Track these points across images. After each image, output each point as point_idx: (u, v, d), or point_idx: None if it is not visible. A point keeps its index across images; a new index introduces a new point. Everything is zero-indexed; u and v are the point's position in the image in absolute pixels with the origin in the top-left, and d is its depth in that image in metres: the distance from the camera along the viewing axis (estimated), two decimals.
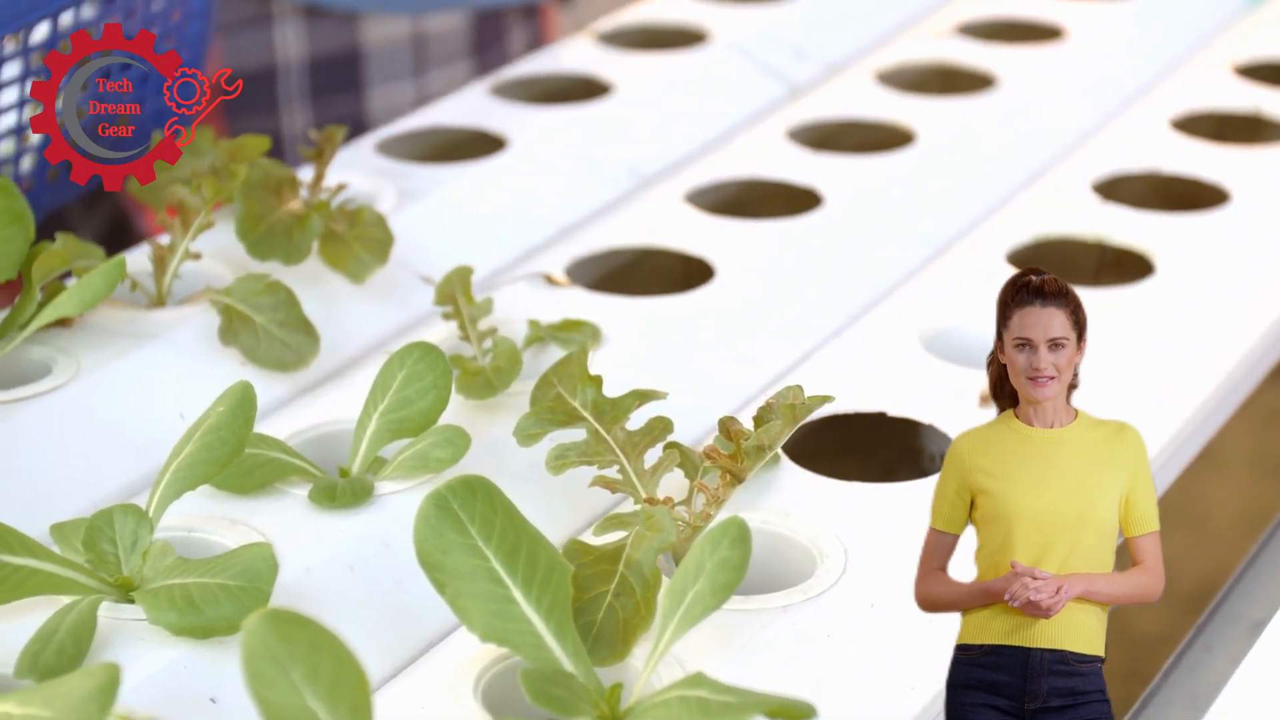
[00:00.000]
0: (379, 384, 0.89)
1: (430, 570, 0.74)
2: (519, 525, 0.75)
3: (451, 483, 0.74)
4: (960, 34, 1.44)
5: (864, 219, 1.16)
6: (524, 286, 1.07)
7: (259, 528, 0.84)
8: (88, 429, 0.92)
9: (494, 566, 0.74)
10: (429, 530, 0.74)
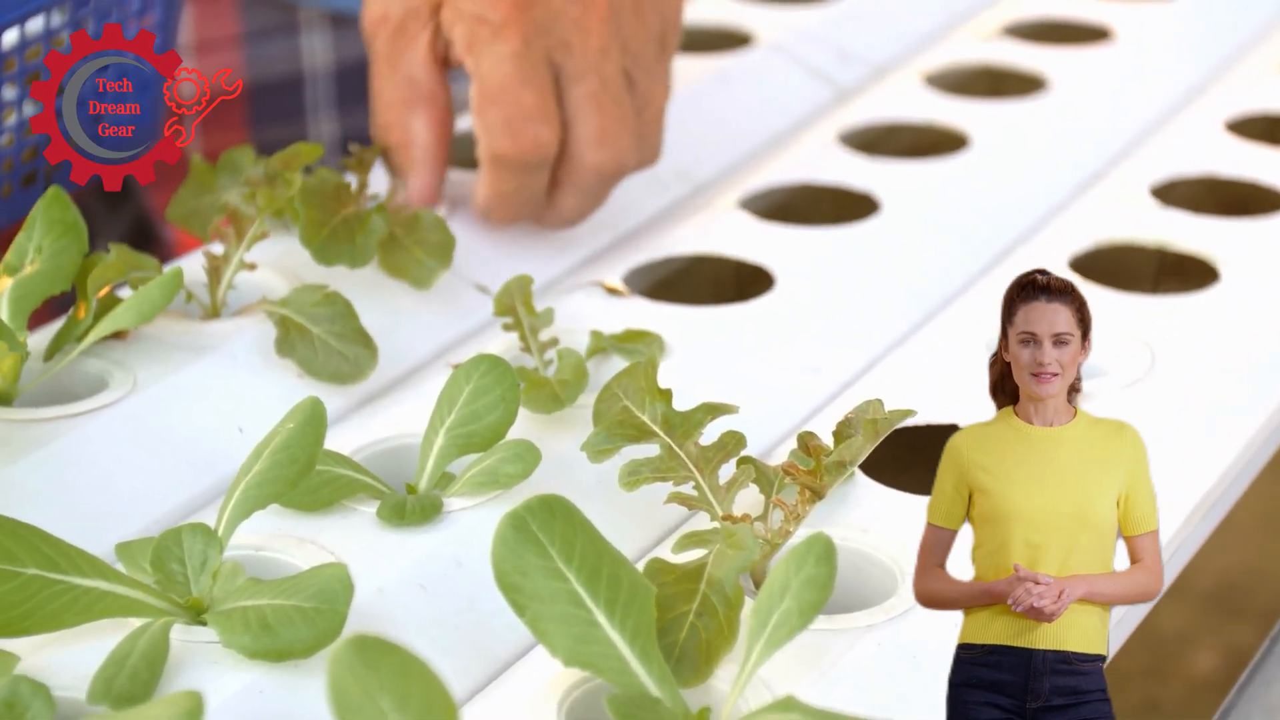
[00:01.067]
0: (445, 398, 0.87)
1: (509, 593, 0.73)
2: (600, 546, 0.73)
3: (530, 503, 0.73)
4: (1007, 35, 1.42)
5: (922, 225, 1.15)
6: (582, 295, 1.06)
7: (328, 546, 0.83)
8: (147, 444, 0.91)
9: (575, 589, 0.72)
10: (508, 552, 0.73)
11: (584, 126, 1.05)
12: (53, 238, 0.96)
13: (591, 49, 1.05)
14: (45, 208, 0.96)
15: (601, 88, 1.05)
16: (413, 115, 1.09)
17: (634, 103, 1.07)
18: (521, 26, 1.04)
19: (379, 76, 1.10)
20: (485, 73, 1.05)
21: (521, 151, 1.04)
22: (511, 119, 1.04)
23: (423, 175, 1.09)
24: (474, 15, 1.05)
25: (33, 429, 0.90)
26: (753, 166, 1.24)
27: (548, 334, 0.98)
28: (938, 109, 1.30)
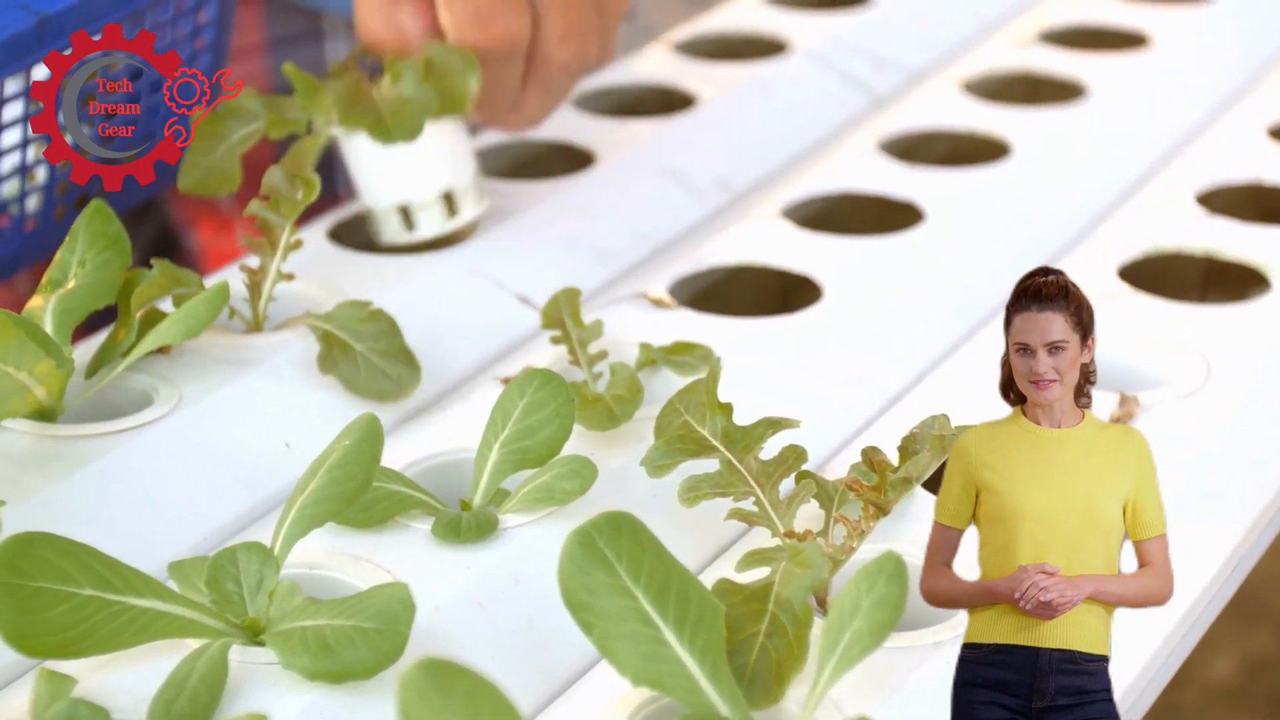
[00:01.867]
0: (498, 412, 0.86)
1: (577, 611, 0.71)
2: (668, 563, 0.72)
3: (596, 520, 0.72)
4: (1043, 41, 1.41)
5: (966, 234, 1.13)
6: (627, 307, 1.04)
7: (383, 564, 0.82)
8: (194, 460, 0.90)
9: (644, 607, 0.71)
10: (575, 569, 0.72)
11: (551, 23, 1.05)
12: (95, 251, 0.95)
13: None
14: (87, 221, 0.95)
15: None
16: (398, 10, 1.06)
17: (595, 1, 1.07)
18: None
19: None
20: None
21: (491, 41, 1.03)
22: (479, 10, 1.03)
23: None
24: None
25: (79, 445, 0.89)
26: (792, 175, 1.22)
27: (596, 347, 0.97)
28: (977, 116, 1.29)
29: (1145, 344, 0.99)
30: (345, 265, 1.07)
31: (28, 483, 0.86)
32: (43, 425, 0.90)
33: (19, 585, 0.72)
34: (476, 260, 1.08)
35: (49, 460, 0.88)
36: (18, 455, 0.88)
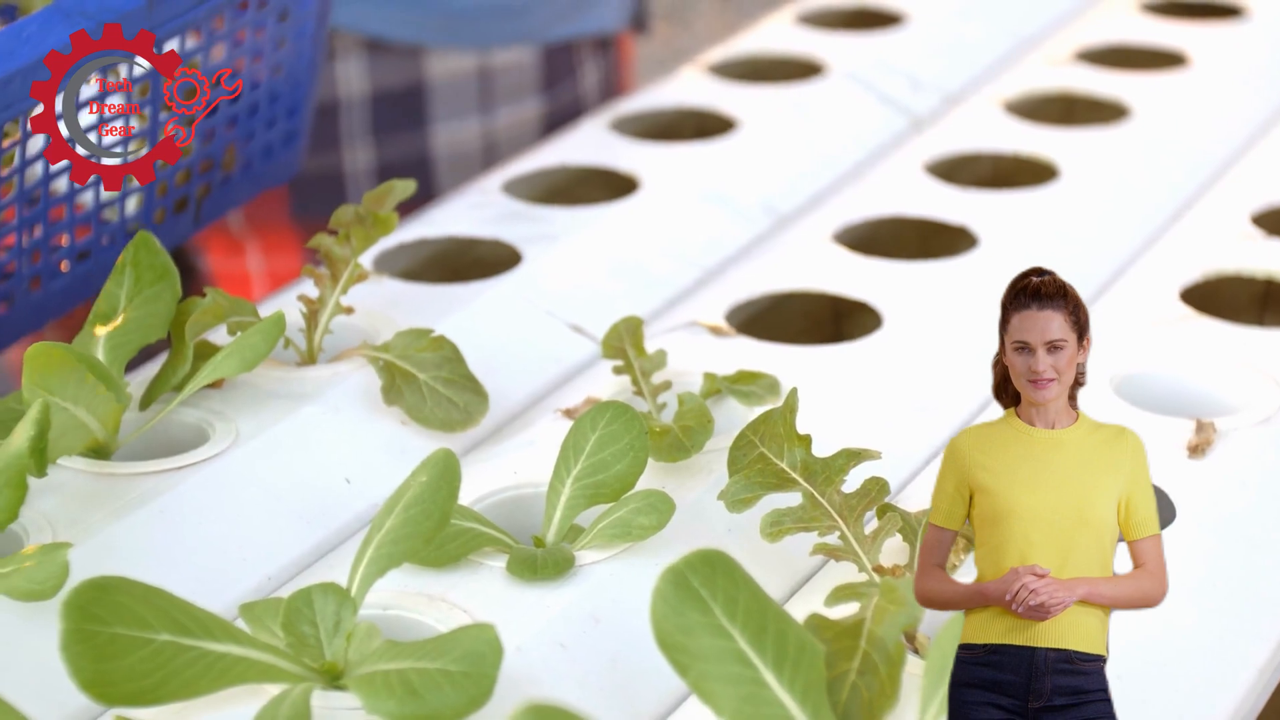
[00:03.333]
0: (570, 446, 0.84)
1: (671, 652, 0.69)
2: (763, 602, 0.70)
3: (689, 558, 0.70)
4: (1079, 60, 1.39)
5: (1020, 256, 1.11)
6: (684, 335, 1.02)
7: (459, 603, 0.80)
8: (254, 498, 0.88)
9: (741, 647, 0.69)
10: (668, 609, 0.70)
11: None
12: (145, 283, 0.93)
13: None
14: (134, 253, 0.93)
15: None
16: None
17: None
18: None
19: None
20: None
21: None
22: None
23: None
24: None
25: (138, 483, 0.87)
26: (837, 198, 1.21)
27: (660, 377, 0.95)
28: (1021, 137, 1.27)
29: (1216, 369, 0.98)
30: (394, 295, 1.05)
31: (88, 522, 0.84)
32: (99, 463, 0.88)
33: (95, 632, 0.70)
34: (527, 288, 1.06)
35: (108, 499, 0.86)
36: (76, 493, 0.86)
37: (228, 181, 1.08)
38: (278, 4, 1.04)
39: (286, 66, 1.08)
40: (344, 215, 0.99)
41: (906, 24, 1.44)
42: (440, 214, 1.16)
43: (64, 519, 0.84)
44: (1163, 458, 0.90)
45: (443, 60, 1.47)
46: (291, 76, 1.08)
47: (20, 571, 0.77)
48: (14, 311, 1.00)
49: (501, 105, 1.50)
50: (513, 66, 1.49)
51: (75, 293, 1.03)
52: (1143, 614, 0.78)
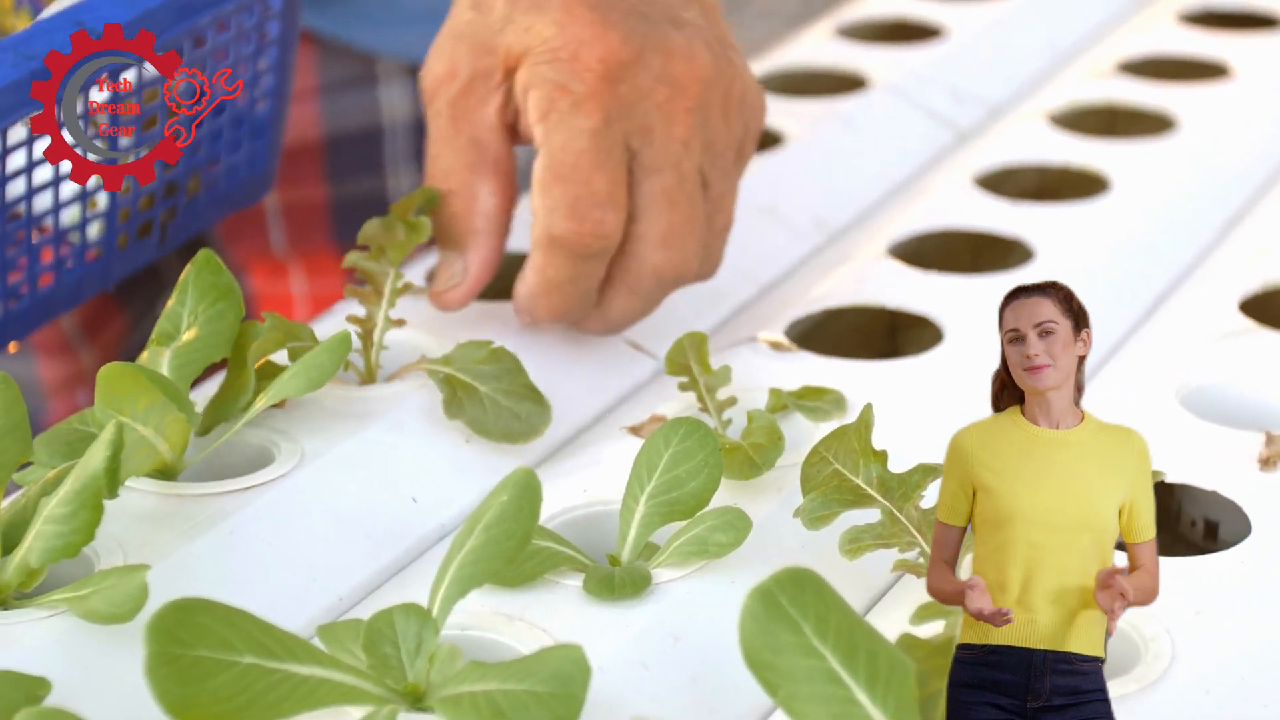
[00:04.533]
0: (642, 463, 0.84)
1: (761, 671, 0.69)
2: (853, 620, 0.69)
3: (778, 576, 0.69)
4: (1122, 72, 1.39)
5: (1077, 269, 1.11)
6: (745, 350, 1.02)
7: (538, 623, 0.79)
8: (322, 518, 0.87)
9: (832, 666, 0.69)
10: (758, 629, 0.69)
11: (652, 223, 0.95)
12: (208, 303, 0.92)
13: (675, 139, 0.95)
14: (197, 272, 0.93)
15: (678, 184, 0.95)
16: (479, 181, 0.98)
17: (706, 208, 0.97)
18: (605, 102, 0.93)
19: (439, 140, 0.99)
20: (557, 147, 0.94)
21: (582, 237, 0.94)
22: (578, 200, 0.93)
23: (487, 247, 0.99)
24: (555, 83, 0.94)
25: (206, 504, 0.86)
26: (888, 211, 1.20)
27: (725, 393, 0.94)
28: (1069, 149, 1.27)
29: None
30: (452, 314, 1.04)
31: (158, 544, 0.83)
32: (166, 484, 0.88)
33: (179, 654, 0.70)
34: None
35: (176, 520, 0.85)
36: (144, 515, 0.85)
37: (193, 205, 1.07)
38: (240, 29, 1.03)
39: (249, 91, 1.07)
40: (371, 229, 0.98)
41: (945, 37, 1.44)
42: None
43: (134, 541, 0.83)
44: (1234, 471, 0.90)
45: None
46: (254, 99, 1.07)
47: (98, 594, 0.76)
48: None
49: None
50: None
51: (36, 316, 1.02)
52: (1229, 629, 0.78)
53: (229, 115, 1.07)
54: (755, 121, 1.00)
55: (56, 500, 0.78)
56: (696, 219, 0.96)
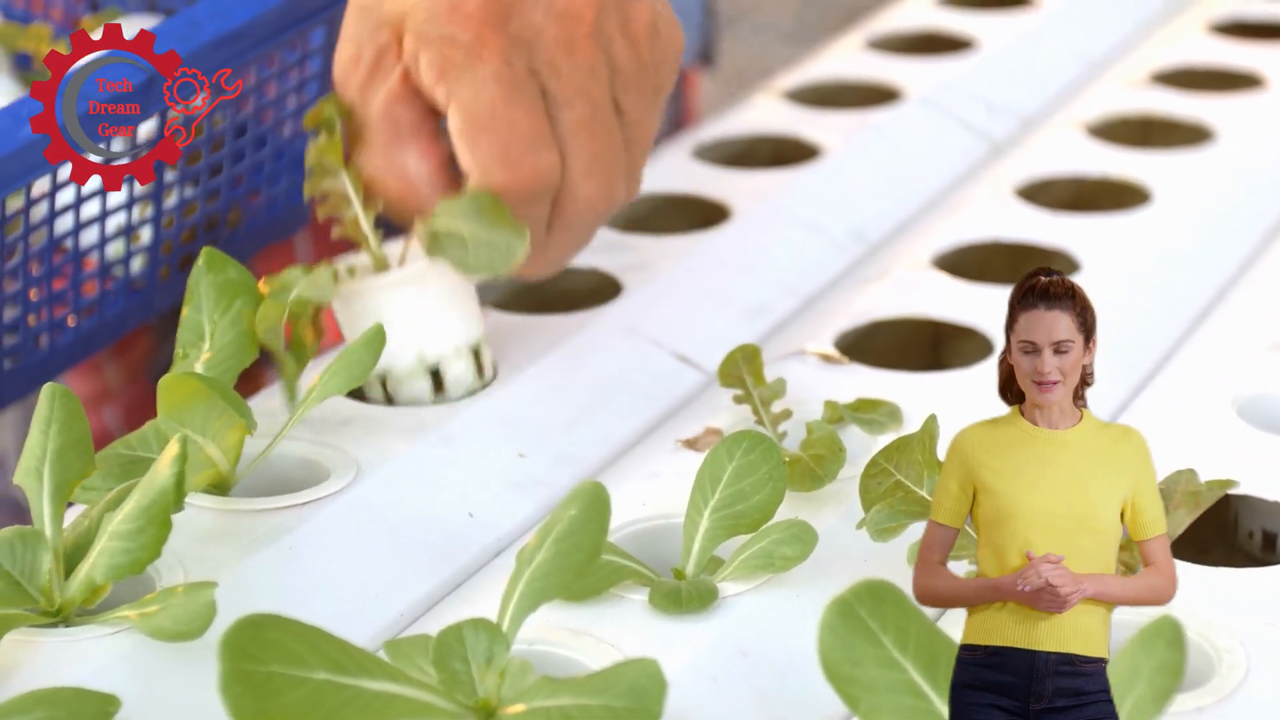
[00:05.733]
0: (705, 477, 0.83)
1: (841, 685, 0.68)
2: (933, 632, 0.69)
3: (857, 589, 0.69)
4: (1156, 82, 1.39)
5: (1122, 279, 1.11)
6: (794, 363, 1.01)
7: (605, 637, 0.79)
8: (381, 533, 0.87)
9: (913, 679, 0.68)
10: (837, 641, 0.69)
11: (575, 155, 0.92)
12: (224, 304, 0.91)
13: (580, 68, 0.91)
14: (205, 273, 0.91)
15: (591, 113, 0.92)
16: (402, 153, 0.94)
17: (625, 133, 0.94)
18: (498, 43, 0.90)
19: (359, 130, 0.95)
20: (467, 101, 0.91)
21: (521, 182, 0.91)
22: (508, 147, 0.90)
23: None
24: (441, 38, 0.90)
25: (263, 519, 0.86)
26: (927, 223, 1.20)
27: (780, 405, 0.94)
28: (1106, 161, 1.26)
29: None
30: (496, 326, 1.04)
31: (217, 560, 0.83)
32: (221, 499, 0.87)
33: (253, 671, 0.69)
34: (630, 319, 1.05)
35: (235, 536, 0.85)
36: (202, 531, 0.85)
37: (233, 238, 1.07)
38: (285, 64, 1.03)
39: (292, 124, 1.08)
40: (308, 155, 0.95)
41: (976, 49, 1.44)
42: None
43: (193, 557, 0.83)
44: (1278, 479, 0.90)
45: None
46: (298, 132, 1.08)
47: (165, 611, 0.76)
48: (20, 367, 1.00)
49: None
50: None
51: (80, 349, 1.03)
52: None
53: (270, 149, 1.07)
54: (671, 51, 0.96)
55: (122, 516, 0.77)
56: (616, 145, 0.93)
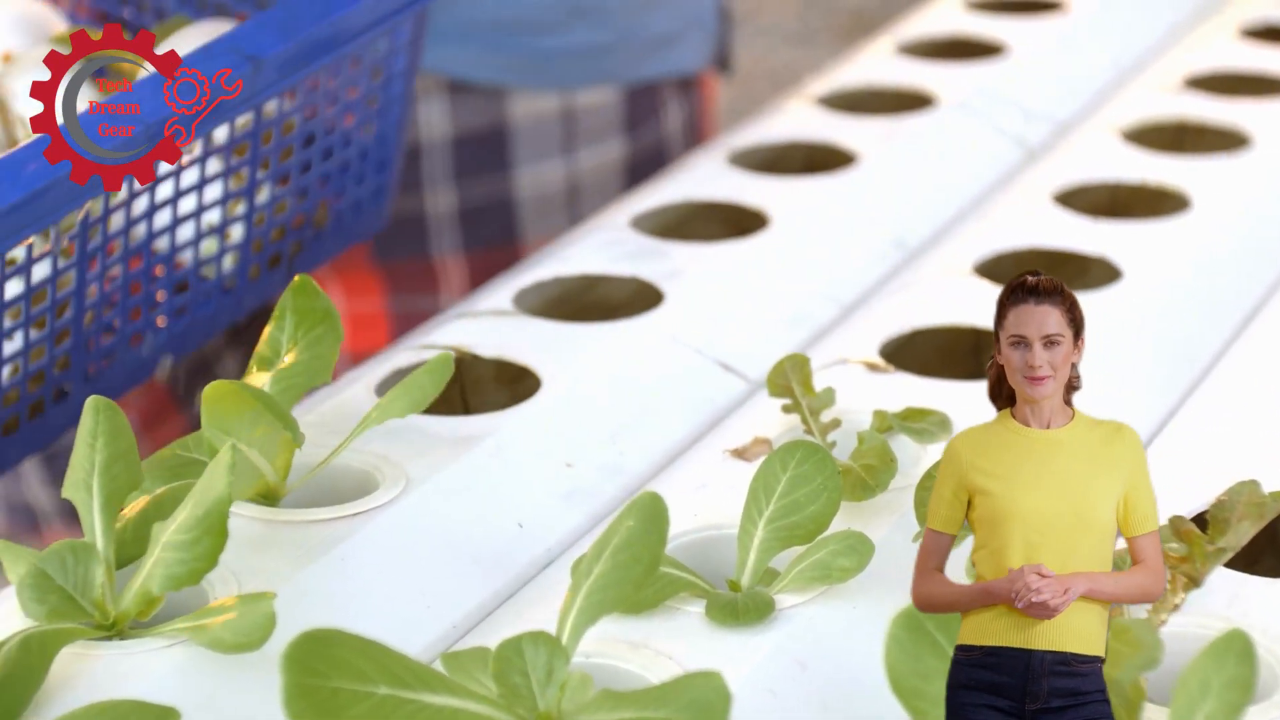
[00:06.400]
0: (759, 487, 0.83)
1: (908, 698, 0.68)
2: None
3: None
4: (1190, 87, 1.38)
5: (1165, 287, 1.10)
6: (838, 372, 1.01)
7: (663, 650, 0.78)
8: (432, 545, 0.86)
9: None
10: (903, 654, 0.69)
11: None
12: (307, 327, 0.91)
13: None
14: (294, 297, 0.92)
15: None
16: None
17: None
18: None
19: None
20: None
21: None
22: None
23: None
24: None
25: (314, 530, 0.85)
26: (966, 230, 1.19)
27: (829, 415, 0.93)
28: (1144, 165, 1.26)
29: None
30: (539, 335, 1.04)
31: (269, 571, 0.83)
32: (270, 509, 0.87)
33: (316, 686, 0.69)
34: (673, 327, 1.05)
35: (285, 547, 0.84)
36: (252, 541, 0.84)
37: (319, 237, 1.08)
38: (371, 61, 1.03)
39: (377, 123, 1.08)
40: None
41: (1007, 54, 1.43)
42: (572, 250, 1.15)
43: (245, 569, 0.82)
44: None
45: (525, 102, 1.45)
46: (381, 133, 1.08)
47: (224, 623, 0.75)
48: (115, 368, 1.01)
49: (584, 147, 1.48)
50: (596, 108, 1.47)
51: (171, 349, 1.03)
52: None
53: (355, 149, 1.07)
54: None
55: (175, 527, 0.77)
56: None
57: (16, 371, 0.97)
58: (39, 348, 0.97)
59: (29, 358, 0.97)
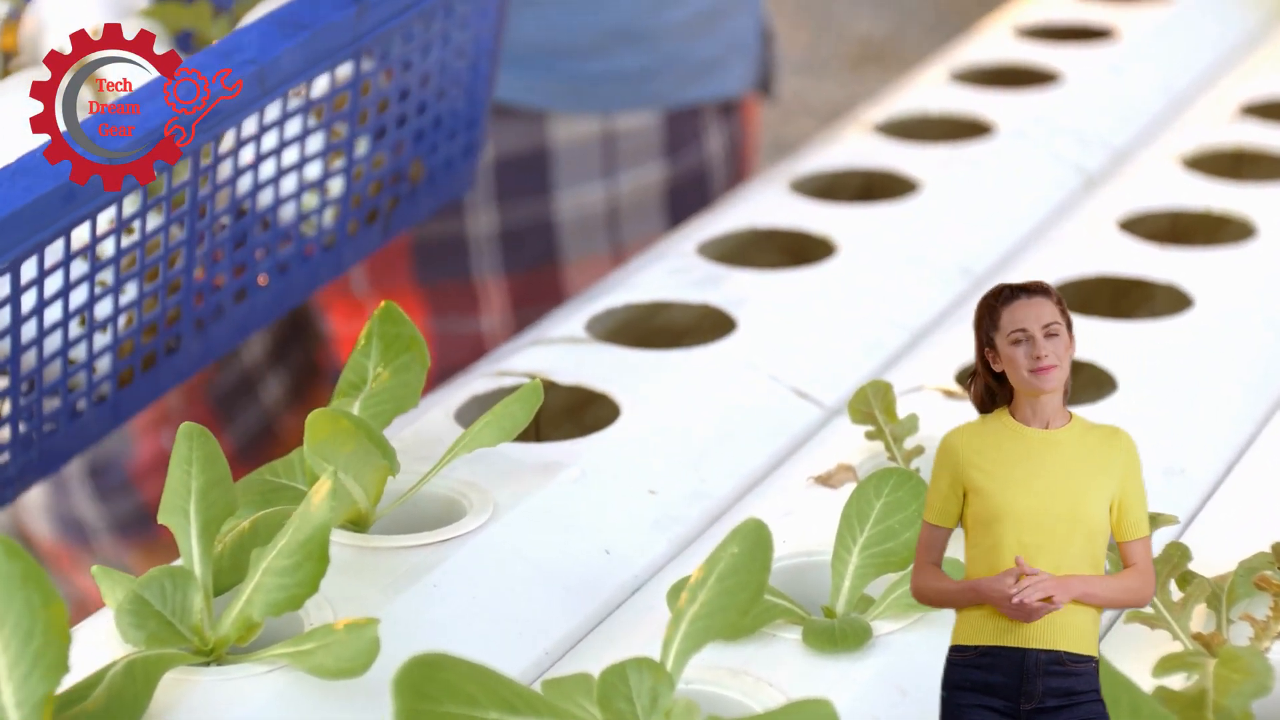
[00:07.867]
0: (853, 514, 0.83)
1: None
2: (1112, 673, 0.68)
3: None
4: (1247, 114, 1.38)
5: (1239, 315, 1.10)
6: (915, 398, 1.01)
7: (762, 676, 0.78)
8: (522, 571, 0.86)
9: None
10: None
11: None
12: (393, 354, 0.91)
13: None
14: (380, 324, 0.92)
15: None
16: None
17: None
18: None
19: None
20: None
21: None
22: None
23: None
24: None
25: (404, 557, 0.85)
26: (1031, 257, 1.19)
27: (912, 442, 0.93)
28: (1207, 193, 1.26)
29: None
30: (614, 362, 1.04)
31: (363, 598, 0.82)
32: (360, 536, 0.87)
33: (428, 711, 0.69)
34: (747, 353, 1.05)
35: (377, 573, 0.84)
36: (344, 568, 0.84)
37: (413, 194, 1.10)
38: (461, 16, 1.04)
39: (466, 80, 1.09)
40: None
41: (1060, 81, 1.43)
42: (640, 277, 1.15)
43: (339, 595, 0.82)
44: None
45: (566, 125, 1.45)
46: (471, 90, 1.09)
47: (326, 649, 0.75)
48: (219, 326, 1.02)
49: (625, 170, 1.48)
50: (637, 131, 1.47)
51: (274, 307, 1.05)
52: None
53: (447, 104, 1.08)
54: None
55: (276, 552, 0.77)
56: None
57: (131, 322, 0.97)
58: (152, 298, 0.98)
59: (142, 308, 0.97)
